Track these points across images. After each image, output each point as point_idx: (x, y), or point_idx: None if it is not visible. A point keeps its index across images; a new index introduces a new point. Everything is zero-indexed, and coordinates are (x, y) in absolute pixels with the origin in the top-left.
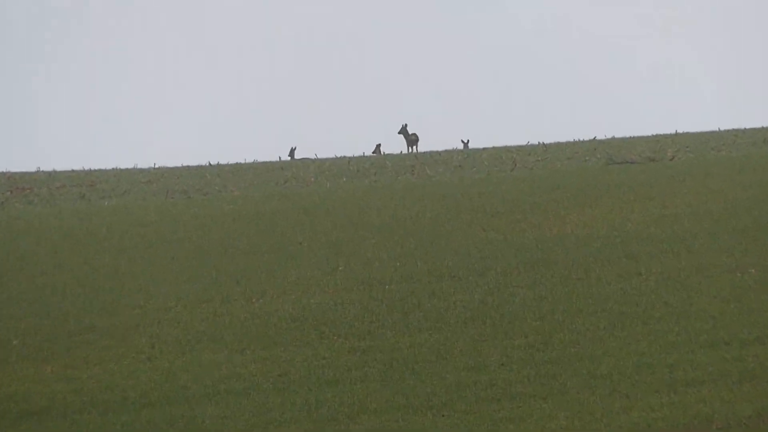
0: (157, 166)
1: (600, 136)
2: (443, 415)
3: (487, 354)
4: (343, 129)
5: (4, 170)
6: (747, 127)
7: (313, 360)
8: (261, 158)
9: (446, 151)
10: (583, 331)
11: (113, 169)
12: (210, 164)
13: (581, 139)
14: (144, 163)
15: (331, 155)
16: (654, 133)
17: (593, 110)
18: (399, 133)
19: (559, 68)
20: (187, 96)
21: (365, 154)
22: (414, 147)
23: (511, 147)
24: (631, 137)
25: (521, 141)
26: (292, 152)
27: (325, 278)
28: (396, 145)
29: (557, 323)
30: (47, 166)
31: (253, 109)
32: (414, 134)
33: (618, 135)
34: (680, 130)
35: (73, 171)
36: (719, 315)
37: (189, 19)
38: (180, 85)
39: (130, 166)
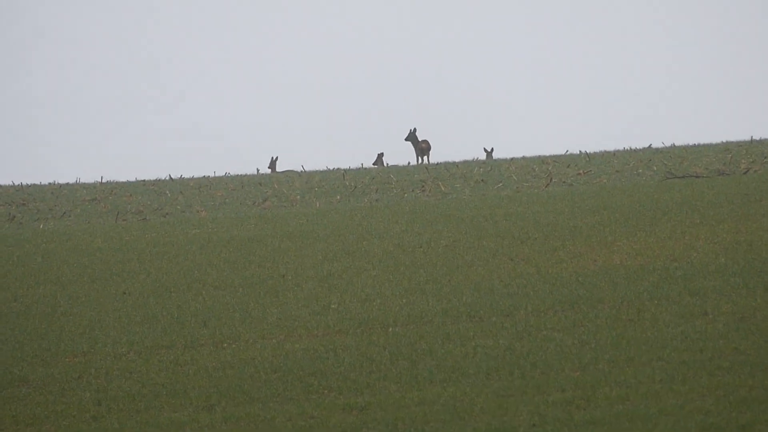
0: (104, 181)
1: (656, 144)
2: None
3: (515, 412)
4: (337, 135)
5: None
6: None
7: (298, 420)
8: (234, 170)
9: (465, 163)
10: (634, 385)
11: (50, 184)
12: (171, 178)
13: (633, 147)
14: (88, 176)
15: (321, 167)
16: (724, 141)
17: (648, 113)
18: (407, 139)
19: (604, 62)
20: (142, 97)
21: (364, 166)
22: (425, 157)
23: (545, 157)
24: (695, 145)
25: (558, 150)
26: (273, 163)
27: (314, 319)
28: (403, 155)
29: (602, 375)
30: None
31: (224, 111)
32: (425, 141)
33: (679, 143)
34: (756, 137)
35: (0, 187)
36: None
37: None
38: (133, 83)
39: (71, 180)
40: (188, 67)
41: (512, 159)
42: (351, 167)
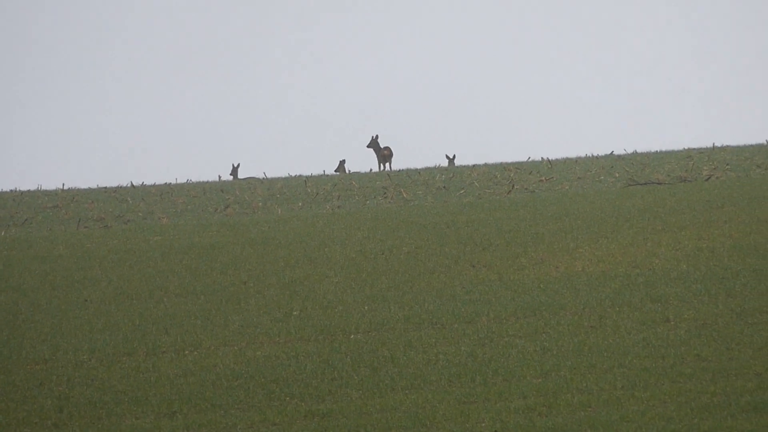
0: (66, 188)
1: (618, 151)
2: None
3: (477, 419)
4: (299, 141)
5: None
6: None
7: (260, 427)
8: (196, 177)
9: (427, 169)
10: (596, 392)
11: (11, 191)
12: (132, 185)
13: (595, 154)
14: (49, 183)
15: (283, 174)
16: (686, 147)
17: (610, 120)
18: (369, 146)
19: (565, 69)
20: (103, 102)
21: (326, 173)
22: (387, 164)
23: (508, 164)
24: (657, 152)
25: (520, 156)
26: (234, 170)
27: (276, 326)
28: (365, 162)
29: (564, 381)
30: None
31: (184, 117)
32: (387, 148)
33: (641, 149)
34: (718, 143)
35: None
36: (765, 372)
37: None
38: (95, 88)
39: (32, 187)
40: (150, 72)
41: (474, 166)
42: (313, 174)
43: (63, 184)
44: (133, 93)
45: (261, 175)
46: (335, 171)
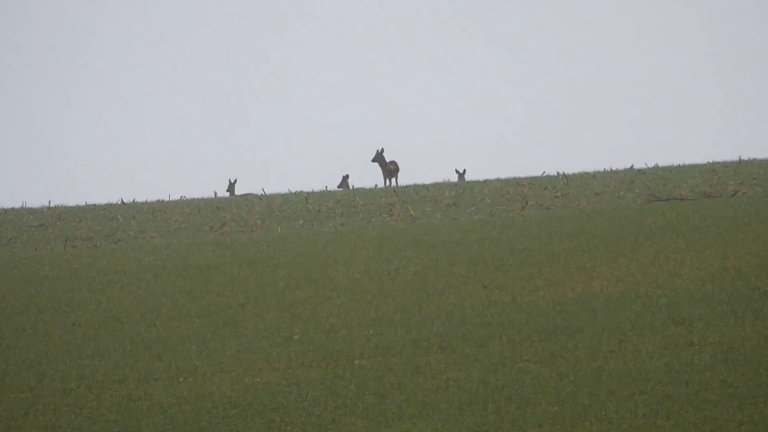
0: (52, 205)
1: (639, 165)
2: None
3: None
4: (300, 156)
5: None
6: None
7: None
8: (191, 194)
9: (436, 185)
10: (616, 421)
11: None
12: (123, 202)
13: (614, 168)
14: (34, 200)
15: (282, 190)
16: (710, 161)
17: (629, 132)
18: (373, 160)
19: (582, 80)
20: (91, 115)
21: (328, 189)
22: (393, 179)
23: (521, 179)
24: (679, 166)
25: (535, 171)
26: (231, 187)
27: (276, 351)
28: (370, 177)
29: (582, 409)
30: None
31: (178, 131)
32: (393, 162)
33: (662, 163)
34: (744, 157)
35: None
36: None
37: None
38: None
39: (16, 204)
40: (142, 83)
41: (485, 181)
42: (314, 190)
43: (49, 201)
44: (123, 104)
45: (259, 192)
46: (338, 187)
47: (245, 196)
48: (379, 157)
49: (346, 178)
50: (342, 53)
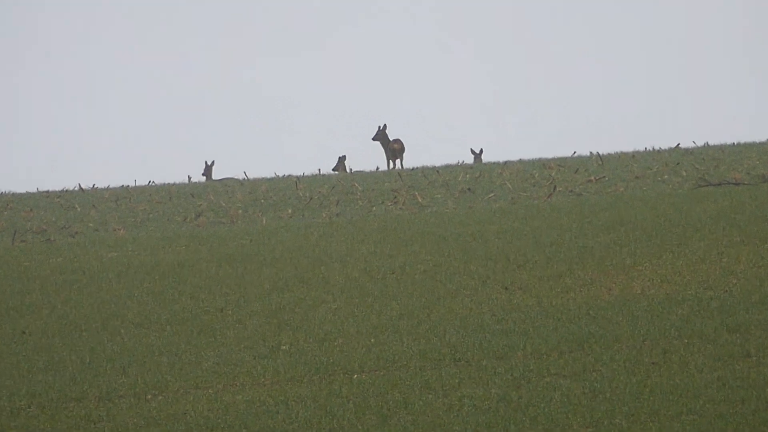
0: None
1: (686, 144)
2: None
3: None
4: (287, 134)
5: None
6: None
7: None
8: (160, 179)
9: (448, 168)
10: None
11: None
12: (81, 189)
13: (657, 148)
14: None
15: (268, 173)
16: None
17: (675, 107)
18: (375, 139)
19: (619, 47)
20: (45, 88)
21: (322, 172)
22: (398, 160)
23: (548, 160)
24: (733, 145)
25: (564, 151)
26: (208, 170)
27: (261, 363)
28: (370, 158)
29: (619, 431)
30: None
31: (144, 105)
32: (397, 141)
33: (713, 142)
34: None
35: None
36: None
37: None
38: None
39: None
40: (100, 56)
41: (506, 163)
42: (305, 174)
43: None
44: (81, 78)
45: (241, 176)
46: (333, 170)
47: (224, 180)
48: (381, 135)
49: (342, 159)
50: (341, 16)
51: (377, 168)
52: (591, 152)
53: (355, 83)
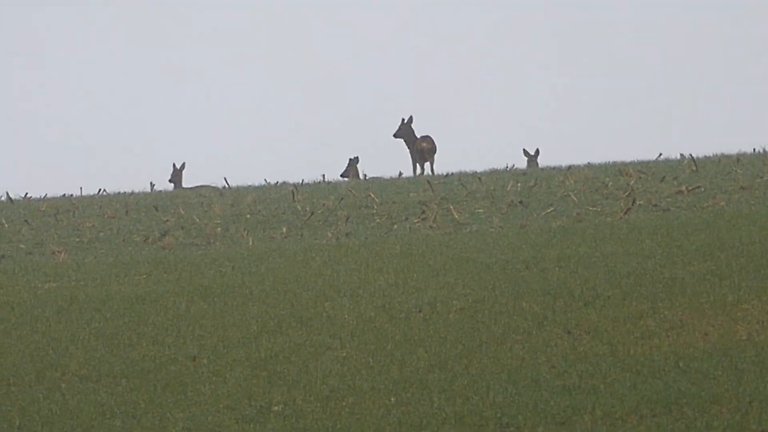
0: None
1: None
2: None
3: None
4: (282, 130)
5: None
6: None
7: None
8: (114, 186)
9: (493, 173)
10: None
11: None
12: (10, 199)
13: None
14: None
15: (255, 180)
16: None
17: None
18: (397, 135)
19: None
20: None
21: (327, 179)
22: (427, 163)
23: (624, 164)
24: None
25: (646, 153)
26: (177, 175)
27: (246, 429)
28: (391, 161)
29: None
30: None
31: (97, 95)
32: (426, 139)
33: None
34: None
35: None
36: None
37: None
38: None
39: None
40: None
41: (570, 168)
42: (305, 181)
43: None
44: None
45: (220, 183)
46: (343, 175)
47: (199, 189)
48: (405, 131)
49: (354, 162)
50: None
51: (400, 174)
52: (682, 154)
53: (370, 63)
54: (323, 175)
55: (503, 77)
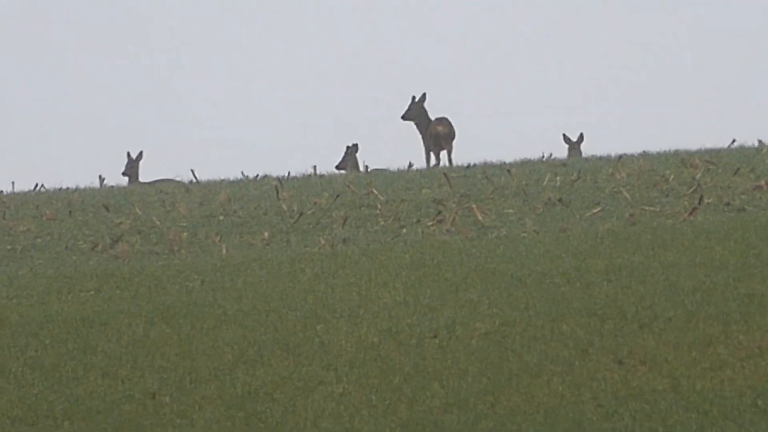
0: None
1: None
2: None
3: None
4: (261, 111)
5: None
6: None
7: None
8: (54, 181)
9: (524, 164)
10: None
11: None
12: None
13: None
14: None
15: (230, 173)
16: None
17: None
18: (406, 118)
19: None
20: None
21: (318, 171)
22: (443, 152)
23: (689, 153)
24: None
25: (714, 140)
26: (132, 166)
27: None
28: (397, 150)
29: None
30: None
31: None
32: (442, 122)
33: None
34: None
35: None
36: None
37: None
38: None
39: None
40: None
41: (621, 157)
42: (292, 174)
43: None
44: None
45: (186, 176)
46: (339, 167)
47: (159, 183)
48: (416, 112)
49: (352, 150)
50: None
51: (410, 165)
52: (760, 141)
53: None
54: (314, 167)
55: (537, 46)
